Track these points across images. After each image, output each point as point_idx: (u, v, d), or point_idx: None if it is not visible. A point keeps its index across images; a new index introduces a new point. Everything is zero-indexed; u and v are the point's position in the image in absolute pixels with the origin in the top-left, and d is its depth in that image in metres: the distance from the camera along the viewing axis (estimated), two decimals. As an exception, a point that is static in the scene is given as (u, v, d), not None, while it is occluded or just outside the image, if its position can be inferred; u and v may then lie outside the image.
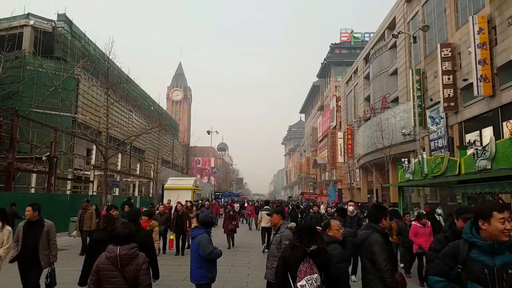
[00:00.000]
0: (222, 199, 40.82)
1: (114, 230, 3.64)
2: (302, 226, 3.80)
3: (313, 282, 3.25)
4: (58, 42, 26.21)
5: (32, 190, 20.05)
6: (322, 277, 3.38)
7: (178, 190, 22.05)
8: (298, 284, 3.27)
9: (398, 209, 15.39)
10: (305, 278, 3.26)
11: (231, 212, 13.25)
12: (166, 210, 12.92)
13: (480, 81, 16.34)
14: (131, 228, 3.49)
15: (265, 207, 12.64)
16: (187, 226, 10.94)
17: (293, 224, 6.08)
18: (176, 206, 11.77)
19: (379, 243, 3.62)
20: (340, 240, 4.47)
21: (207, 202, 15.11)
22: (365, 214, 10.87)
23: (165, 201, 17.76)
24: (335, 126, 50.38)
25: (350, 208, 8.66)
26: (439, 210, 14.57)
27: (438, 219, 10.98)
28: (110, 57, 17.88)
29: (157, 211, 12.16)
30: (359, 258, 9.79)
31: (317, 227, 4.09)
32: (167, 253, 11.06)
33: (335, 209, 11.70)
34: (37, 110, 23.60)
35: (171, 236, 11.36)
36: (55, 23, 26.42)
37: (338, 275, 3.54)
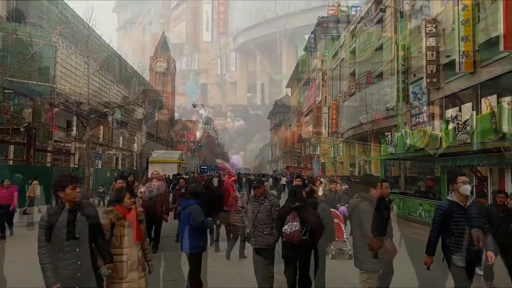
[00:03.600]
0: (208, 173, 40.93)
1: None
2: (290, 189, 5.22)
3: (293, 227, 4.31)
4: (32, 7, 24.81)
5: (10, 162, 19.55)
6: (307, 227, 4.37)
7: (164, 164, 21.96)
8: (283, 228, 4.41)
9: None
10: (287, 224, 4.37)
11: (182, 190, 8.75)
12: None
13: (462, 58, 16.54)
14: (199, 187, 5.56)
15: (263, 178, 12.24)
16: (163, 211, 7.84)
17: (274, 192, 8.56)
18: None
19: (367, 211, 3.84)
20: None
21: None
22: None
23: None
24: (321, 100, 50.55)
25: (467, 187, 4.08)
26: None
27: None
28: (90, 25, 17.11)
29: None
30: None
31: None
32: None
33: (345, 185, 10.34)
34: (12, 79, 22.60)
35: None
36: (28, -15, 24.90)
37: (316, 225, 4.51)
